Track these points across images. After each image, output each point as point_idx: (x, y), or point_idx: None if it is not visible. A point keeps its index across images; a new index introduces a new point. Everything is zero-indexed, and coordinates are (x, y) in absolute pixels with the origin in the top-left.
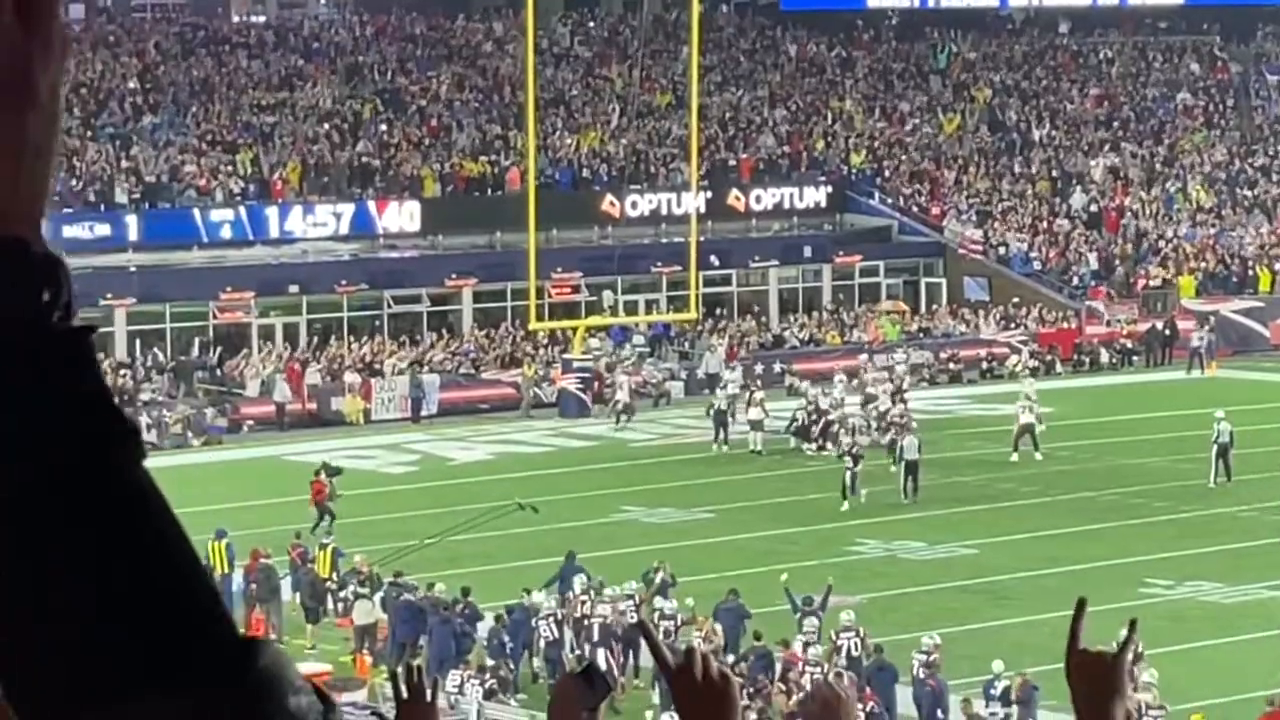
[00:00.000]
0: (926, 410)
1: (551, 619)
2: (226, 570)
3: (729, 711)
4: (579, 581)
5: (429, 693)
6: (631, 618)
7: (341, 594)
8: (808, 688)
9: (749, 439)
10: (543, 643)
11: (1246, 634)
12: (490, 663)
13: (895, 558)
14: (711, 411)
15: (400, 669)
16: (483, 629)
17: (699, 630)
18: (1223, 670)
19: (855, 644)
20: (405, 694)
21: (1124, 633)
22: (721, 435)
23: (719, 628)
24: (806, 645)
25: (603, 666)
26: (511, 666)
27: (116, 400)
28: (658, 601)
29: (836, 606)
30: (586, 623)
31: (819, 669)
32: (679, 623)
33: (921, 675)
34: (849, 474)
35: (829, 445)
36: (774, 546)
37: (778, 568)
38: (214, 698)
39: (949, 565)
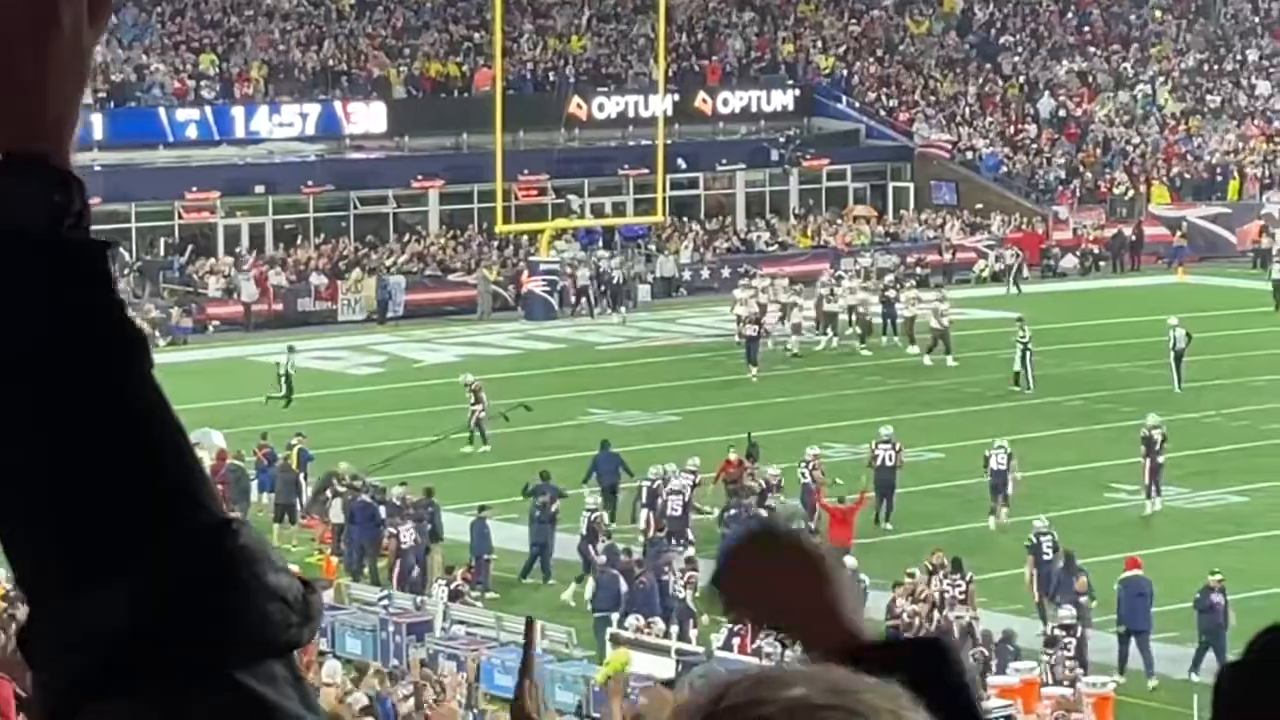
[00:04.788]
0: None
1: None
2: None
3: None
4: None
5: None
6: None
7: (320, 495)
8: None
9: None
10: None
11: (1214, 539)
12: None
13: (862, 461)
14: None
15: None
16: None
17: None
18: (1191, 576)
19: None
20: None
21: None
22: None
23: None
24: None
25: None
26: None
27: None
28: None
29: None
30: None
31: None
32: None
33: None
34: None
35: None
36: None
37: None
38: (192, 572)
39: (915, 469)
